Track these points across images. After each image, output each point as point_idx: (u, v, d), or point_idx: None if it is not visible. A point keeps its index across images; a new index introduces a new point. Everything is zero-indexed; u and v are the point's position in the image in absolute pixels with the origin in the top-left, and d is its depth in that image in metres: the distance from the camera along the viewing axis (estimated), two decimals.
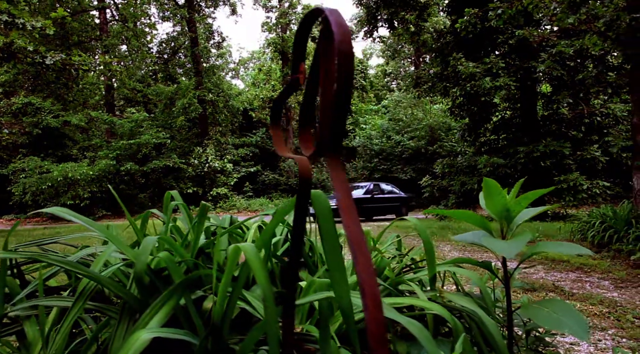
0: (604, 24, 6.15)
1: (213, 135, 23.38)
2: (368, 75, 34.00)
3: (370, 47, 42.36)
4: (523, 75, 13.23)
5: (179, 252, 1.17)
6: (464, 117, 15.03)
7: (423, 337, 0.80)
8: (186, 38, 23.63)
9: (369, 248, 0.49)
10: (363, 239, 0.56)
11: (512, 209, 1.38)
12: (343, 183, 0.60)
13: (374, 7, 15.08)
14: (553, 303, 1.32)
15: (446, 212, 1.46)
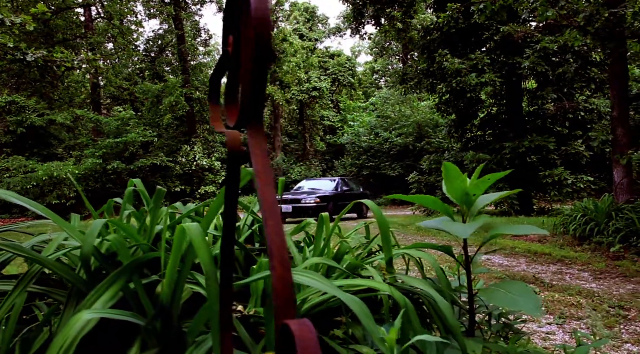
0: (583, 18, 6.21)
1: (200, 132, 23.27)
2: (356, 72, 34.02)
3: (359, 45, 42.39)
4: (508, 71, 13.30)
5: (133, 236, 1.16)
6: (451, 113, 15.10)
7: (362, 313, 0.81)
8: (173, 35, 23.47)
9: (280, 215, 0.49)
10: (275, 206, 0.56)
11: (471, 193, 1.39)
12: (262, 152, 0.59)
13: (360, 3, 15.07)
14: (510, 285, 1.34)
15: (406, 197, 1.46)
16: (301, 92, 25.56)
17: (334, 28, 33.80)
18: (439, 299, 1.11)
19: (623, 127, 7.11)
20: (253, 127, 0.60)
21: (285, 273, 0.51)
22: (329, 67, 30.00)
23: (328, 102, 29.04)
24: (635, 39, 6.28)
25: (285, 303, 0.50)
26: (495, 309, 1.66)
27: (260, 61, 0.59)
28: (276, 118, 25.66)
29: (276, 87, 24.65)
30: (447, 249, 1.37)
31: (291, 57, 25.16)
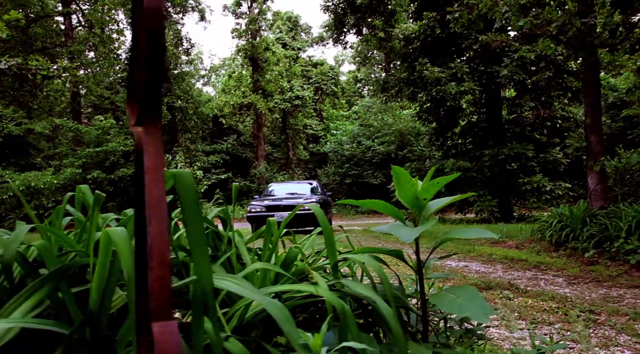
0: (555, 27, 6.32)
1: (182, 142, 23.13)
2: (340, 81, 34.19)
3: (342, 54, 42.67)
4: (487, 80, 13.49)
5: (68, 243, 1.13)
6: (432, 122, 15.24)
7: (282, 318, 0.79)
8: None
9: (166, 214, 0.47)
10: (162, 205, 0.54)
11: (421, 197, 1.39)
12: (157, 149, 0.58)
13: (341, 13, 15.19)
14: (460, 290, 1.33)
15: (357, 202, 1.45)
16: (284, 101, 25.58)
17: (317, 37, 33.99)
18: (382, 304, 1.09)
19: (596, 134, 7.22)
20: (149, 124, 0.58)
21: (163, 274, 0.49)
22: (312, 76, 30.10)
23: (311, 110, 29.11)
24: (605, 48, 6.41)
25: (161, 304, 0.48)
26: (449, 315, 1.65)
27: (153, 55, 0.58)
28: (259, 127, 25.62)
29: (259, 96, 24.64)
30: (398, 253, 1.36)
31: (274, 66, 25.21)
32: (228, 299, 1.28)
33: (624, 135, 15.86)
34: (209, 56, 65.34)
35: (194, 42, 52.22)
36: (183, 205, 0.80)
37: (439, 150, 15.72)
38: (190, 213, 0.80)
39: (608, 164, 9.46)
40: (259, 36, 26.04)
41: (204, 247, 0.78)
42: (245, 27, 25.40)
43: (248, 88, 25.58)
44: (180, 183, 0.82)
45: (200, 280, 0.77)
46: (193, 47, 24.66)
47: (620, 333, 3.40)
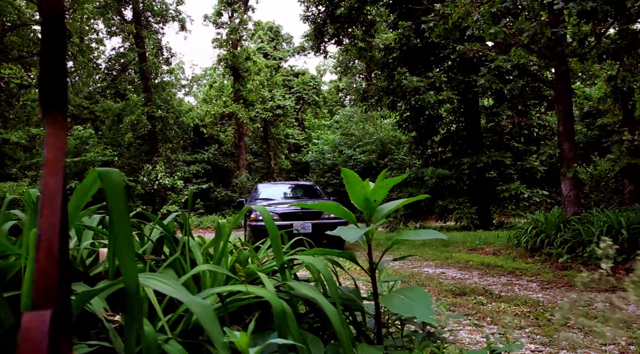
0: (527, 36, 6.44)
1: (163, 151, 22.93)
2: (321, 91, 34.32)
3: (324, 64, 42.89)
4: (465, 89, 13.67)
5: (7, 247, 1.11)
6: (412, 131, 15.36)
7: (204, 316, 0.78)
8: (135, 54, 23.22)
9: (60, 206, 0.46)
10: (56, 196, 0.53)
11: (372, 199, 1.39)
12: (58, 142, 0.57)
13: (320, 22, 15.28)
14: (409, 291, 1.34)
15: (308, 205, 1.45)
16: (265, 110, 25.58)
17: (299, 47, 34.13)
18: (326, 305, 1.09)
19: (569, 141, 7.35)
20: (51, 116, 0.58)
21: (48, 265, 0.48)
22: (293, 85, 30.19)
23: (293, 120, 29.14)
24: (575, 57, 6.55)
25: (42, 294, 0.47)
26: (403, 316, 1.66)
27: (51, 48, 0.57)
28: (240, 137, 25.54)
29: (240, 105, 24.60)
30: (350, 255, 1.37)
31: (255, 76, 25.22)
32: (179, 303, 1.27)
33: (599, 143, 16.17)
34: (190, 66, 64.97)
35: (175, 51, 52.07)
36: (109, 202, 0.79)
37: (419, 158, 15.84)
38: (116, 212, 0.79)
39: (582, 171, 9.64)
40: (240, 46, 26.05)
41: (129, 246, 0.77)
42: (226, 37, 25.40)
43: (229, 98, 25.53)
44: (107, 182, 0.82)
45: (125, 278, 0.76)
46: (173, 56, 24.56)
47: (587, 335, 3.45)
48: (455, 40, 12.26)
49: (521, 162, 14.16)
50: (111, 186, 0.81)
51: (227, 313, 1.08)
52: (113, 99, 24.55)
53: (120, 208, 0.80)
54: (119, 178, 0.82)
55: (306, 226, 8.62)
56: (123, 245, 0.77)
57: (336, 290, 1.15)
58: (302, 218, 8.82)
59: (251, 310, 1.34)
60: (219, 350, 0.75)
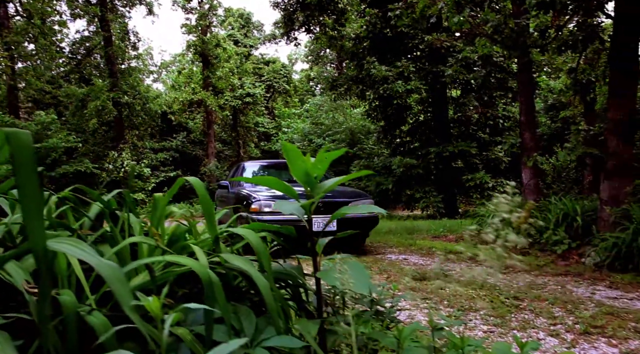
0: (491, 27, 6.53)
1: (129, 138, 22.46)
2: (292, 79, 34.12)
3: (295, 53, 42.60)
4: (433, 79, 13.80)
5: None
6: (380, 120, 15.45)
7: (113, 278, 0.76)
8: (100, 38, 22.57)
9: None
10: None
11: (312, 174, 1.39)
12: None
13: (290, 10, 15.16)
14: (349, 266, 1.34)
15: (246, 179, 1.44)
16: (235, 98, 25.30)
17: (270, 35, 33.79)
18: (258, 277, 1.09)
19: (530, 131, 7.52)
20: None
21: None
22: (263, 73, 29.92)
23: (262, 108, 28.92)
24: (536, 48, 6.68)
25: None
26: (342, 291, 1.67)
27: None
28: (209, 125, 25.21)
29: (209, 93, 24.25)
30: (289, 230, 1.36)
31: (225, 63, 24.87)
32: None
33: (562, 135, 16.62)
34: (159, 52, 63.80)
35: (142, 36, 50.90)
36: (16, 163, 0.76)
37: (388, 147, 15.96)
38: (23, 173, 0.76)
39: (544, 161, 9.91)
40: (210, 32, 25.62)
41: (36, 208, 0.75)
42: (196, 23, 24.94)
43: (198, 85, 25.14)
44: (14, 143, 0.78)
45: (31, 240, 0.73)
46: (140, 41, 24.00)
47: (538, 316, 3.56)
48: (424, 30, 12.37)
49: (486, 152, 14.43)
50: (19, 147, 0.78)
51: (155, 285, 1.07)
52: (77, 84, 23.85)
53: (27, 169, 0.77)
54: (27, 138, 0.79)
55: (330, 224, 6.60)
56: (30, 206, 0.74)
57: (269, 263, 1.14)
58: (322, 212, 6.53)
59: (197, 284, 1.33)
60: (128, 313, 0.74)
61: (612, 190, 5.71)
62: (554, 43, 6.35)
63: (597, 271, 5.19)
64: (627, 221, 5.29)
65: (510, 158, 14.56)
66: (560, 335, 3.12)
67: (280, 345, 1.09)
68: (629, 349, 2.85)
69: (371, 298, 2.05)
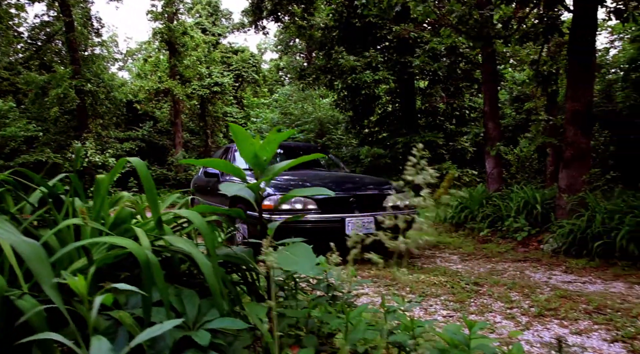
0: (455, 17, 6.59)
1: (93, 128, 21.86)
2: (261, 69, 33.77)
3: (265, 42, 42.15)
4: (401, 70, 13.87)
5: None
6: (349, 110, 15.48)
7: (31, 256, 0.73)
8: (61, 23, 21.79)
9: None
10: None
11: (261, 156, 1.37)
12: None
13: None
14: (295, 247, 1.34)
15: (193, 161, 1.42)
16: (202, 87, 24.88)
17: (238, 23, 33.26)
18: (200, 259, 1.07)
19: (493, 121, 7.66)
20: None
21: None
22: (232, 62, 29.50)
23: (231, 98, 28.57)
24: (500, 39, 6.79)
25: None
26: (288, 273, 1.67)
27: None
28: (176, 114, 24.76)
29: (176, 82, 23.79)
30: (238, 213, 1.34)
31: (192, 51, 24.42)
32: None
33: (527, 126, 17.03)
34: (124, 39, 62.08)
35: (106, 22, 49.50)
36: None
37: (356, 137, 16.03)
38: None
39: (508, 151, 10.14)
40: (177, 19, 25.08)
41: None
42: (162, 10, 24.35)
43: (165, 74, 24.61)
44: None
45: None
46: (104, 27, 23.31)
47: (496, 300, 3.64)
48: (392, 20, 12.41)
49: (453, 143, 14.65)
50: None
51: (94, 267, 1.03)
52: (37, 71, 23.02)
53: None
54: None
55: (366, 224, 4.99)
56: None
57: (213, 245, 1.12)
58: (355, 208, 5.15)
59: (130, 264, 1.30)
60: (47, 291, 0.71)
61: (569, 179, 5.87)
62: (517, 34, 6.46)
63: (554, 257, 5.35)
64: (583, 208, 5.46)
65: (476, 148, 14.83)
66: (515, 318, 3.21)
67: (222, 327, 1.07)
68: (579, 329, 2.95)
69: (328, 283, 2.05)
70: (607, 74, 13.11)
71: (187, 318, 1.08)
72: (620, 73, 12.57)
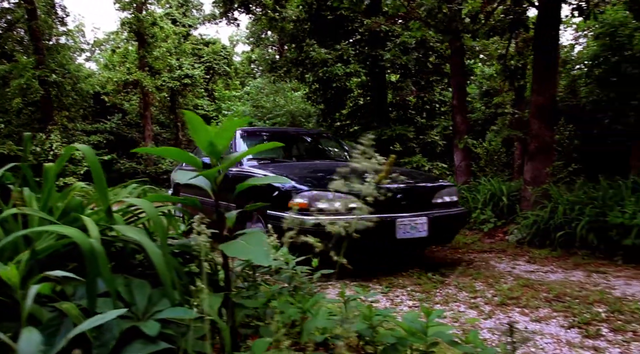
0: (425, 10, 6.64)
1: (58, 119, 21.26)
2: (233, 61, 33.42)
3: (237, 34, 41.66)
4: (372, 63, 13.90)
5: None
6: (320, 103, 15.46)
7: None
8: (23, 10, 21.06)
9: None
10: None
11: (217, 143, 1.35)
12: None
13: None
14: (249, 236, 1.32)
15: (153, 150, 1.38)
16: (173, 79, 24.47)
17: (209, 15, 32.73)
18: (150, 247, 1.04)
19: (461, 114, 7.77)
20: None
21: None
22: (203, 54, 29.08)
23: (202, 90, 28.19)
24: (468, 33, 6.87)
25: None
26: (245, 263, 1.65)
27: None
28: (146, 106, 24.28)
29: (145, 73, 23.32)
30: (192, 202, 1.32)
31: (162, 43, 23.98)
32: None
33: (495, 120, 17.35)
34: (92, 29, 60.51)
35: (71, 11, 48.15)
36: None
37: (328, 130, 16.03)
38: None
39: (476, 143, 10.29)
40: (146, 10, 24.54)
41: None
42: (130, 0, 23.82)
43: (134, 65, 24.10)
44: None
45: None
46: (69, 16, 22.64)
47: (461, 290, 3.70)
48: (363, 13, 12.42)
49: (423, 136, 14.79)
50: None
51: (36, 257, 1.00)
52: None
53: None
54: None
55: (418, 225, 4.20)
56: None
57: (164, 234, 1.10)
58: (405, 206, 4.29)
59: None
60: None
61: (534, 171, 6.01)
62: (484, 29, 6.55)
63: (518, 248, 5.47)
64: (547, 200, 5.60)
65: (446, 142, 15.02)
66: (479, 307, 3.27)
67: (173, 317, 1.05)
68: (539, 316, 3.02)
69: (290, 274, 2.04)
70: (572, 70, 13.41)
71: (137, 308, 1.05)
72: (585, 69, 12.88)
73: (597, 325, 2.83)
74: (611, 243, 4.65)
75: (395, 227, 4.05)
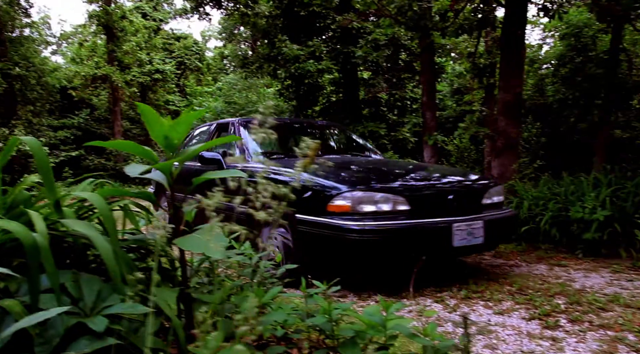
0: (395, 7, 6.68)
1: (23, 114, 20.65)
2: (205, 57, 33.03)
3: (209, 30, 41.19)
4: (344, 60, 13.93)
5: None
6: (292, 99, 15.43)
7: None
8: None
9: None
10: None
11: (171, 136, 1.32)
12: None
13: None
14: (206, 230, 1.31)
15: (105, 144, 1.35)
16: (143, 74, 24.03)
17: (181, 9, 32.25)
18: (99, 241, 1.02)
19: (431, 111, 7.86)
20: None
21: None
22: (174, 49, 28.66)
23: (173, 86, 27.78)
24: (437, 31, 6.95)
25: None
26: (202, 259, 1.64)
27: None
28: (115, 102, 23.77)
29: (115, 68, 22.82)
30: (147, 195, 1.29)
31: (131, 37, 23.50)
32: None
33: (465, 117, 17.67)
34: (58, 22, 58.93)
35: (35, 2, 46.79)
36: None
37: None
38: None
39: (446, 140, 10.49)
40: (114, 3, 23.99)
41: None
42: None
43: (102, 59, 23.55)
44: None
45: None
46: (32, 7, 21.99)
47: (428, 285, 3.75)
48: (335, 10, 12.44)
49: (394, 133, 14.93)
50: None
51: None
52: None
53: None
54: None
55: (475, 230, 3.67)
56: None
57: (113, 228, 1.07)
58: (458, 209, 3.75)
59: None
60: None
61: (501, 167, 6.13)
62: (453, 27, 6.64)
63: None
64: (513, 195, 5.71)
65: (417, 139, 15.19)
66: (444, 301, 3.32)
67: (122, 312, 1.03)
68: (502, 309, 3.09)
69: (253, 269, 2.03)
70: (539, 69, 13.72)
71: (84, 304, 1.03)
72: (551, 69, 13.18)
73: (557, 316, 2.91)
74: (572, 237, 4.78)
75: (452, 233, 3.52)
